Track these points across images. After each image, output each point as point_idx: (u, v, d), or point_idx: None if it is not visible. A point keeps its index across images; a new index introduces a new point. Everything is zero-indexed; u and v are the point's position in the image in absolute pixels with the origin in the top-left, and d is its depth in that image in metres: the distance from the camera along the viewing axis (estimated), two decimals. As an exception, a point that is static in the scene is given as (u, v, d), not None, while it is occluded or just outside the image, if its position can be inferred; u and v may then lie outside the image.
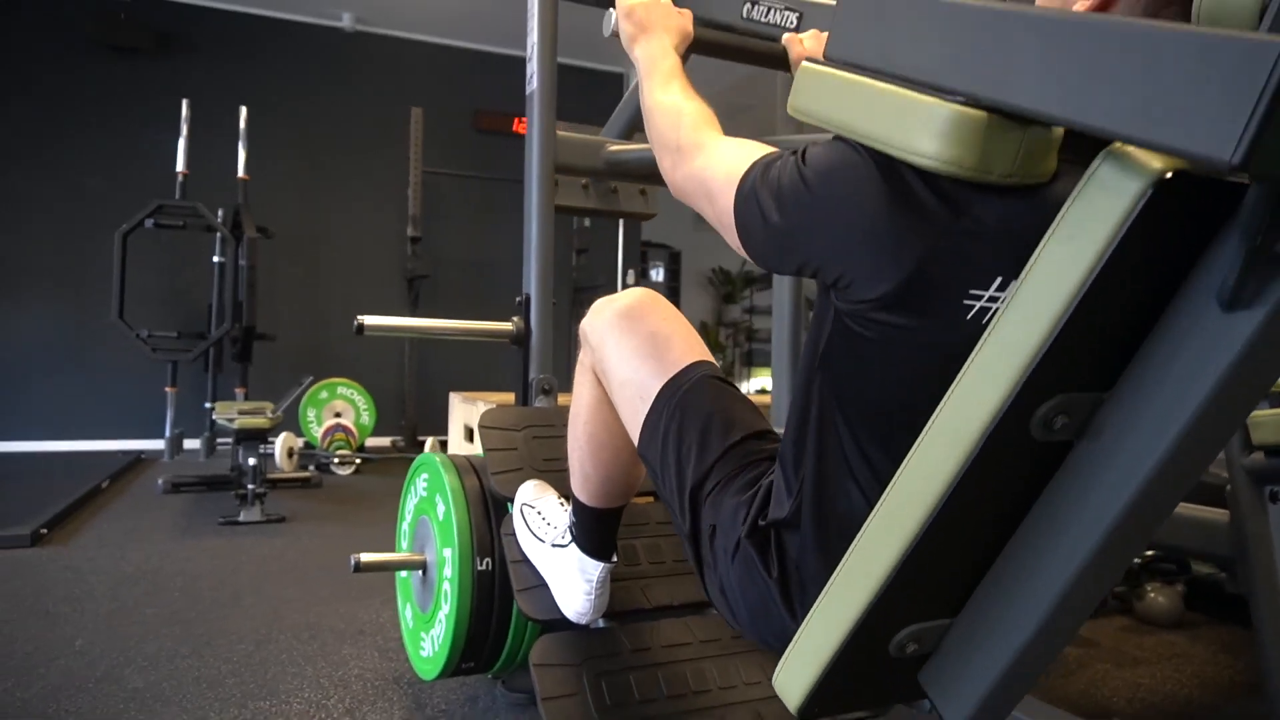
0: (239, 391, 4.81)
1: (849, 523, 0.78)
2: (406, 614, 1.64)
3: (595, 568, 1.21)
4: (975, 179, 0.67)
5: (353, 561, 1.50)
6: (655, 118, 1.02)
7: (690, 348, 1.05)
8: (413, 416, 5.27)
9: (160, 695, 1.57)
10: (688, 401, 0.99)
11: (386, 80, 5.75)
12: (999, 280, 0.71)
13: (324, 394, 4.89)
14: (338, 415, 4.81)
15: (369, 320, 1.50)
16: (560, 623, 1.29)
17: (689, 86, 1.04)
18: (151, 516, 3.17)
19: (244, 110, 4.84)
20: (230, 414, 3.18)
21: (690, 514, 0.97)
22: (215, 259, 4.97)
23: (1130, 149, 0.55)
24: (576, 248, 5.61)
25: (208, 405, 4.35)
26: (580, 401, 1.15)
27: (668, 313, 1.09)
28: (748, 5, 1.49)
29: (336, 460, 4.36)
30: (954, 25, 0.65)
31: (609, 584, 1.24)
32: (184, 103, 4.66)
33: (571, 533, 1.23)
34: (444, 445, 4.43)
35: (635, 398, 1.02)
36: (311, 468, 4.27)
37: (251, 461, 3.09)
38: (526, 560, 1.32)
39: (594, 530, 1.20)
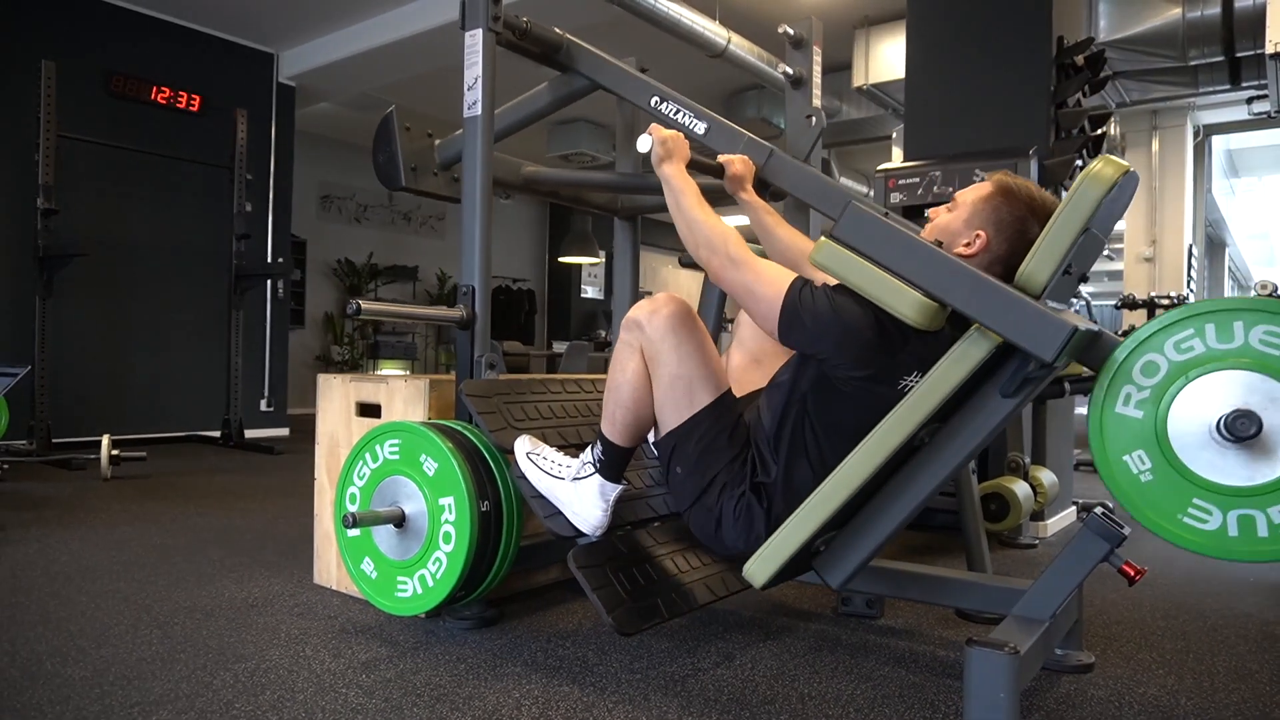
0: None
1: (804, 485, 1.44)
2: (366, 567, 1.83)
3: (614, 489, 1.64)
4: (920, 328, 1.32)
5: (348, 518, 1.69)
6: (701, 229, 1.55)
7: (720, 365, 1.60)
8: (45, 417, 4.56)
9: (141, 672, 1.57)
10: (721, 425, 1.54)
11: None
12: (916, 374, 1.40)
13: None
14: (-42, 418, 4.01)
15: (366, 304, 1.69)
16: (569, 540, 1.68)
17: (709, 207, 1.61)
18: None
19: None
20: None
21: (706, 483, 1.53)
22: None
23: (987, 330, 1.28)
24: (238, 234, 5.32)
25: None
26: (627, 371, 1.58)
27: (701, 324, 1.59)
28: (655, 98, 2.00)
29: (-25, 469, 3.70)
30: (918, 255, 1.31)
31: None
32: None
33: (595, 466, 1.63)
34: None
35: (685, 393, 1.54)
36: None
37: (-48, 466, 2.66)
38: (540, 495, 1.68)
39: (619, 462, 1.63)
